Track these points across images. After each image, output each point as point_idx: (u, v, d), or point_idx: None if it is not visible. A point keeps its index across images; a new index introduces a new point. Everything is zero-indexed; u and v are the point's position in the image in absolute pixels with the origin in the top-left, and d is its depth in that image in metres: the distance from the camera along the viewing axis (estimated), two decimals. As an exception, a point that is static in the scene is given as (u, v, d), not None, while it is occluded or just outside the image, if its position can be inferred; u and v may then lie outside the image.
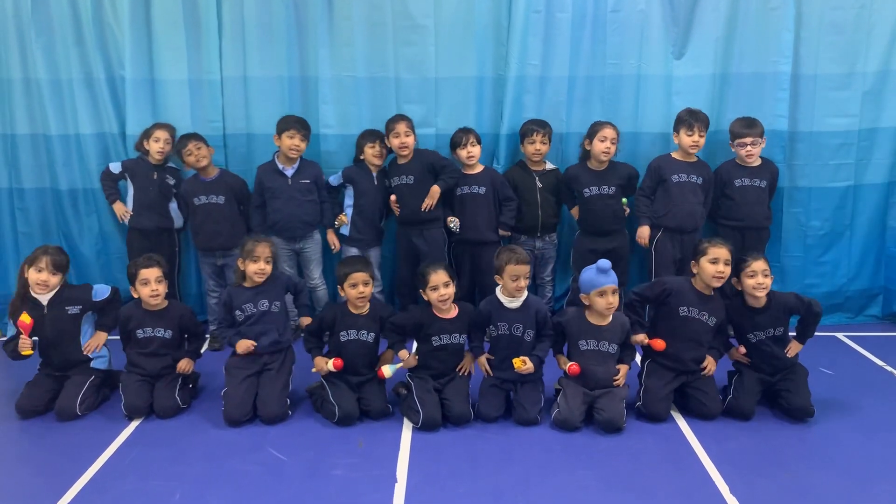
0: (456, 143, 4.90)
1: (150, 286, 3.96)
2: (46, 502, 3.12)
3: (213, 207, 4.87)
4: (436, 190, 4.82)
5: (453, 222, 4.90)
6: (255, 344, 3.98)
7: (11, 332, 4.02)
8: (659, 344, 3.92)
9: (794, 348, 4.02)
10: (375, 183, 4.96)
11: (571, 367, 3.83)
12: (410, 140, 4.84)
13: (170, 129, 4.97)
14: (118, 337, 4.17)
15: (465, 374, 4.03)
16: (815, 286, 5.24)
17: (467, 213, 4.92)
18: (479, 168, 4.97)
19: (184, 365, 4.07)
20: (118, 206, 5.01)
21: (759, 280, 3.88)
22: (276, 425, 3.83)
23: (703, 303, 3.93)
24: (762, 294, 3.91)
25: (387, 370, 3.91)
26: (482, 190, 4.90)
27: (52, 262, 3.95)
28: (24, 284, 3.99)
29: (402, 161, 4.91)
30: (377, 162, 4.94)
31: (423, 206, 4.82)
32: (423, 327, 3.97)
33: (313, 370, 3.98)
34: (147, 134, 4.94)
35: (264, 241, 4.08)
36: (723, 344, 4.08)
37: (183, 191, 4.95)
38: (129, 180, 4.99)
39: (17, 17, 5.00)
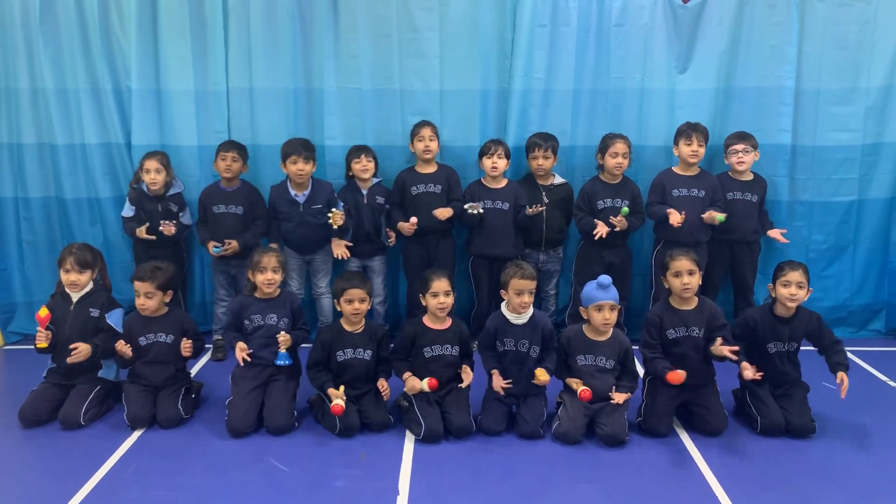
0: (484, 151, 4.89)
1: (139, 299, 4.01)
2: (49, 512, 3.13)
3: (232, 217, 4.90)
4: (449, 211, 4.83)
5: (475, 209, 4.76)
6: (250, 351, 3.94)
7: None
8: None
9: (844, 383, 3.76)
10: (365, 200, 4.97)
11: (583, 392, 3.78)
12: (434, 145, 4.89)
13: (160, 156, 4.88)
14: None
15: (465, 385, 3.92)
16: (818, 300, 5.20)
17: (488, 228, 4.88)
18: (503, 182, 4.95)
19: (187, 346, 4.01)
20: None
21: (792, 291, 3.87)
22: (279, 437, 3.82)
23: (686, 318, 3.89)
24: (793, 305, 3.91)
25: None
26: (505, 206, 4.87)
27: (76, 260, 4.05)
28: (59, 283, 4.13)
29: (425, 169, 4.95)
30: (365, 176, 4.95)
31: (437, 212, 4.80)
32: (415, 339, 3.98)
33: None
34: (140, 167, 4.91)
35: (270, 252, 4.10)
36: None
37: (202, 196, 4.98)
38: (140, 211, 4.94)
39: (25, 27, 5.00)
